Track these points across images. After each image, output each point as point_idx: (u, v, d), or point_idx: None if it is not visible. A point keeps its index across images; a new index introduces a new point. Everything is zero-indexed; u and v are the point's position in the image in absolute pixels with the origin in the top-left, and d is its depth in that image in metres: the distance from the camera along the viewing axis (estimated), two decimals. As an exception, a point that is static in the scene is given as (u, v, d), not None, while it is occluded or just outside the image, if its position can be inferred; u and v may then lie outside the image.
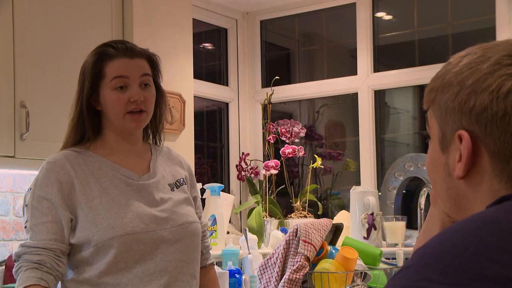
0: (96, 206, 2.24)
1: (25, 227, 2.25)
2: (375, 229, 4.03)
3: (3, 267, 3.29)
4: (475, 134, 1.05)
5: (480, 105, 1.04)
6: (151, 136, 2.48)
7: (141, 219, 2.26)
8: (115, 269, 2.22)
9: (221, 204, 4.13)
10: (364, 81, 4.53)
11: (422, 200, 3.66)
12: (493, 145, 1.04)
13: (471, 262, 0.90)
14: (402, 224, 4.05)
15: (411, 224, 4.18)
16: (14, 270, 2.21)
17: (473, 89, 1.05)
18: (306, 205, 4.53)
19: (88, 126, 2.32)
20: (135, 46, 2.36)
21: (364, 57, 4.54)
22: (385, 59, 4.62)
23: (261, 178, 4.66)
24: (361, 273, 2.92)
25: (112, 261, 2.21)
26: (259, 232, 4.31)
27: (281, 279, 2.80)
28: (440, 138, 1.12)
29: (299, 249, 2.80)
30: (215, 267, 2.67)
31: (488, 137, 1.04)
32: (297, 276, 2.75)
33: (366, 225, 4.02)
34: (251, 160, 4.70)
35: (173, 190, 2.41)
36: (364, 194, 4.06)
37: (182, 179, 2.46)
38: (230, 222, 4.60)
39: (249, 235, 3.94)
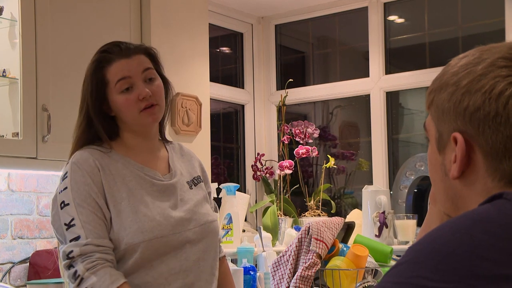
0: (124, 209, 2.20)
1: (72, 225, 2.14)
2: (387, 227, 4.04)
3: (27, 264, 3.37)
4: (468, 134, 1.07)
5: (473, 105, 1.06)
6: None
7: (169, 222, 2.24)
8: (139, 270, 2.20)
9: (237, 203, 4.14)
10: (376, 83, 4.58)
11: (432, 199, 3.69)
12: (485, 144, 1.06)
13: (462, 259, 0.92)
14: (413, 222, 4.07)
15: (422, 222, 4.19)
16: (85, 267, 2.10)
17: (467, 90, 1.07)
18: (320, 204, 4.55)
19: (101, 132, 2.27)
20: (129, 44, 2.31)
21: (376, 59, 4.58)
22: (396, 61, 4.65)
23: (276, 177, 4.70)
24: (372, 270, 2.92)
25: (138, 263, 2.19)
26: (274, 230, 4.35)
27: (293, 276, 2.80)
28: (437, 139, 1.14)
29: (311, 247, 2.80)
30: (230, 263, 2.69)
31: (481, 136, 1.06)
32: (309, 273, 2.75)
33: (378, 223, 4.03)
34: (266, 160, 4.75)
35: (192, 188, 2.39)
36: (376, 193, 4.08)
37: (198, 176, 2.45)
38: (245, 220, 4.63)
39: (264, 233, 3.94)
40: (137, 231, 2.19)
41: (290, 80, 4.76)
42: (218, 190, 4.13)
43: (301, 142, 4.60)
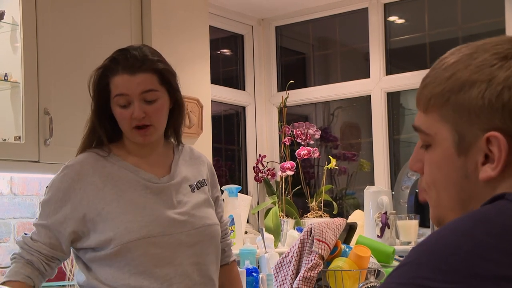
0: (114, 210, 2.21)
1: (35, 221, 2.29)
2: (389, 227, 4.05)
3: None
4: (507, 131, 1.03)
5: None
6: (172, 138, 2.45)
7: (159, 223, 2.23)
8: (134, 272, 2.20)
9: (239, 205, 4.16)
10: (377, 84, 4.59)
11: (434, 199, 3.69)
12: None
13: (463, 260, 0.91)
14: (415, 222, 4.09)
15: (424, 223, 4.20)
16: (11, 256, 2.27)
17: (506, 85, 1.03)
18: (322, 205, 4.57)
19: (103, 134, 2.30)
20: (140, 56, 2.26)
21: (377, 60, 4.60)
22: (397, 61, 4.66)
23: (278, 179, 4.71)
24: (375, 270, 2.93)
25: (131, 264, 2.19)
26: (276, 232, 4.36)
27: (296, 277, 2.82)
28: (457, 142, 1.07)
29: (313, 248, 2.81)
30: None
31: None
32: (312, 274, 2.75)
33: (380, 224, 4.04)
34: (267, 162, 4.76)
35: (194, 191, 2.37)
36: (377, 194, 4.09)
37: (203, 180, 2.43)
38: (248, 222, 4.64)
39: (266, 234, 3.92)
40: (125, 231, 2.20)
41: (291, 81, 4.78)
42: (220, 192, 4.14)
43: (302, 143, 4.62)
